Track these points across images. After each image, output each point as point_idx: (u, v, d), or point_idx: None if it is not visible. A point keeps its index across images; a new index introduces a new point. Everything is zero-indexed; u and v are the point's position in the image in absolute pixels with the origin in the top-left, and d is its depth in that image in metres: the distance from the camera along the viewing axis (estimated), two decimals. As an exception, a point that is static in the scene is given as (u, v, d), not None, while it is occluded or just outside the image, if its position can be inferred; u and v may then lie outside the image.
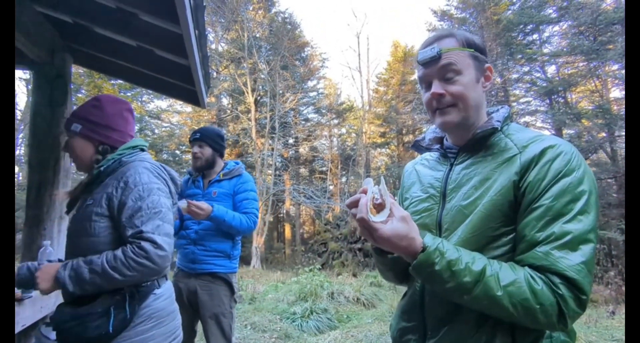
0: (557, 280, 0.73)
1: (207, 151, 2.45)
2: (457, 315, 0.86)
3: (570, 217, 0.76)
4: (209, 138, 2.46)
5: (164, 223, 1.30)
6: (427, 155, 1.12)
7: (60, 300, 1.35)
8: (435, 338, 0.89)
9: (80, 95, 14.72)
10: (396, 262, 0.95)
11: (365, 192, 0.80)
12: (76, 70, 12.93)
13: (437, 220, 0.94)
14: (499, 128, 0.91)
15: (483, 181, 0.88)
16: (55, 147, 2.48)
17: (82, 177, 1.44)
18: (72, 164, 1.69)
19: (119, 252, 1.22)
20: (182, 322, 2.22)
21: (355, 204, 0.79)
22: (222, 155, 2.55)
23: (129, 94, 15.59)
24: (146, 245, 1.22)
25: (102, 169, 1.35)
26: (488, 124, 0.92)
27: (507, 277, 0.75)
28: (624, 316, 5.48)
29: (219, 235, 2.33)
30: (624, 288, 7.06)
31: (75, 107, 1.58)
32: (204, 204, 2.19)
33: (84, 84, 14.65)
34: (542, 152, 0.82)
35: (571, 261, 0.73)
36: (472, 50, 0.93)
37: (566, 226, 0.75)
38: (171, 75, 2.99)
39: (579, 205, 0.77)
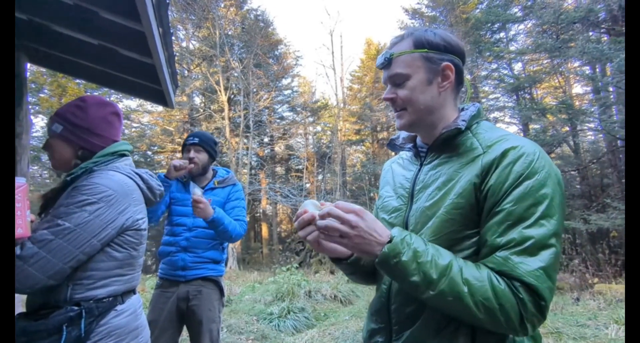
0: (517, 284, 0.72)
1: (204, 157, 2.37)
2: (419, 317, 0.86)
3: (532, 222, 0.74)
4: (206, 143, 2.38)
5: (58, 239, 1.13)
6: (403, 153, 1.11)
7: (21, 310, 1.27)
8: (399, 340, 0.89)
9: (42, 95, 14.07)
10: (355, 264, 0.96)
11: (306, 212, 0.82)
12: (38, 69, 12.34)
13: (404, 222, 0.94)
14: (465, 127, 0.89)
15: (446, 182, 0.87)
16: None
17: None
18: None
19: None
20: (166, 335, 2.18)
21: (307, 222, 0.81)
22: (213, 162, 2.50)
23: (96, 94, 15.00)
24: (17, 249, 1.11)
25: (69, 178, 1.27)
26: (453, 124, 0.91)
27: (471, 273, 0.74)
28: (587, 302, 5.76)
29: (211, 242, 2.29)
30: (587, 275, 7.41)
31: (30, 108, 1.48)
32: (208, 205, 2.14)
33: (47, 84, 13.99)
34: (504, 154, 0.80)
35: (530, 266, 0.72)
36: (425, 50, 0.91)
37: (526, 231, 0.74)
38: (137, 74, 2.89)
39: (540, 209, 0.75)
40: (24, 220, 1.15)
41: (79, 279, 1.20)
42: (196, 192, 2.10)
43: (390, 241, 0.76)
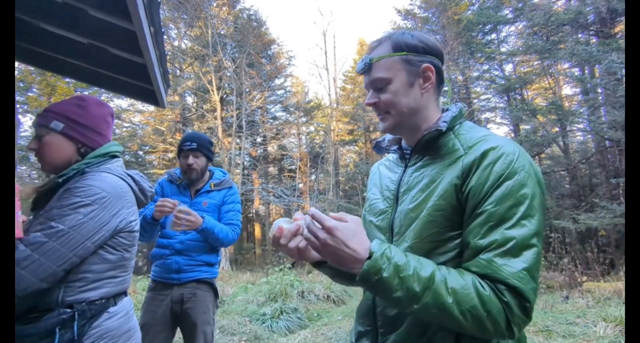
0: (501, 287, 0.71)
1: (203, 161, 2.33)
2: (404, 321, 0.86)
3: (513, 223, 0.74)
4: (204, 147, 2.33)
5: (52, 242, 1.10)
6: (390, 156, 1.11)
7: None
8: None
9: (31, 94, 13.85)
10: (335, 267, 0.96)
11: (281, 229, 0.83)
12: (26, 67, 12.17)
13: (390, 224, 0.94)
14: (446, 129, 0.89)
15: (429, 184, 0.86)
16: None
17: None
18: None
19: None
20: (159, 338, 2.16)
21: (294, 234, 0.82)
22: (210, 163, 2.45)
23: (86, 93, 14.82)
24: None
25: (60, 180, 1.25)
26: (434, 126, 0.91)
27: (456, 282, 0.73)
28: (576, 300, 5.83)
29: (206, 246, 2.26)
30: (576, 274, 7.50)
31: (18, 107, 1.46)
32: (195, 215, 2.10)
33: (36, 83, 13.79)
34: (484, 155, 0.80)
35: (513, 268, 0.71)
36: (404, 53, 0.91)
37: (508, 232, 0.73)
38: (127, 74, 2.86)
39: (521, 209, 0.74)
40: (15, 221, 1.13)
41: (71, 281, 1.19)
42: (182, 209, 2.07)
43: (370, 257, 0.73)
